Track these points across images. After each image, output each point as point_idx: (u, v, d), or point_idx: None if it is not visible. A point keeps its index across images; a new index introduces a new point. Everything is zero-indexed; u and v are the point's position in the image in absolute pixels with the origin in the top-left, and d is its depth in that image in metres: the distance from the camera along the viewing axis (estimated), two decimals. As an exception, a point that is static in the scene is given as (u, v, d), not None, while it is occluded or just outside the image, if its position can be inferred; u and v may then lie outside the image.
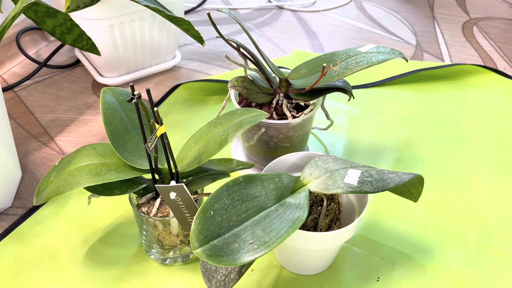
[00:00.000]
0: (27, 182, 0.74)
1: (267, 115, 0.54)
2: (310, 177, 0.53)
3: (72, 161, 0.54)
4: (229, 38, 0.64)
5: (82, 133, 0.84)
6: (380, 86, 0.95)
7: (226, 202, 0.47)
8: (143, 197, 0.57)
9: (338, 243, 0.55)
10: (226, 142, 0.51)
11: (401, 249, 0.62)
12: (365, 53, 0.62)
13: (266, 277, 0.59)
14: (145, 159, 0.56)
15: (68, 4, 0.66)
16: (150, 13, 0.87)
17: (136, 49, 0.92)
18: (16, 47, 1.01)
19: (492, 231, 0.65)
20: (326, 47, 1.11)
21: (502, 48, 1.11)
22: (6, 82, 0.97)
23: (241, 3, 1.32)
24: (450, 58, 1.08)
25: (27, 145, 0.81)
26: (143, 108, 0.49)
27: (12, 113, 0.88)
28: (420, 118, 0.86)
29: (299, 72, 0.69)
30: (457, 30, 1.20)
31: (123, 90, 0.60)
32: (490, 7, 1.31)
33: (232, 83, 0.66)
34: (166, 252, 0.60)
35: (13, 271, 0.60)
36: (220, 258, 0.43)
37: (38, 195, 0.54)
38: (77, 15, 0.82)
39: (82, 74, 1.00)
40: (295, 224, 0.47)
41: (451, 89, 0.94)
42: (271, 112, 0.67)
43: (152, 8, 0.70)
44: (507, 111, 0.88)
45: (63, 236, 0.65)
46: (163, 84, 0.96)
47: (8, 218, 0.68)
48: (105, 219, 0.67)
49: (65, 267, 0.61)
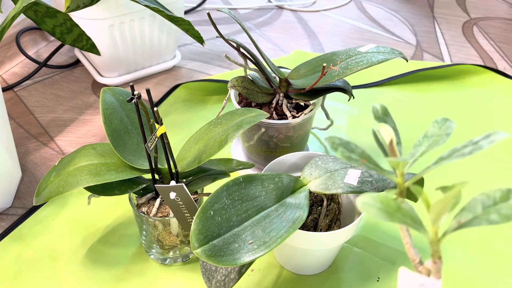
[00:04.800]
0: (27, 182, 0.74)
1: (267, 115, 0.54)
2: (310, 177, 0.53)
3: (72, 161, 0.54)
4: (229, 38, 0.64)
5: (82, 133, 0.84)
6: (380, 86, 0.95)
7: (226, 202, 0.47)
8: (143, 197, 0.57)
9: (338, 243, 0.55)
10: (226, 142, 0.51)
11: (401, 249, 0.62)
12: (365, 53, 0.62)
13: (266, 277, 0.59)
14: (145, 159, 0.56)
15: (68, 4, 0.66)
16: (150, 13, 0.87)
17: (136, 49, 0.92)
18: (16, 47, 1.01)
19: (492, 231, 0.65)
20: (326, 47, 1.11)
21: (502, 48, 1.11)
22: (6, 82, 0.97)
23: (241, 3, 1.32)
24: (450, 58, 1.08)
25: (27, 145, 0.81)
26: (143, 108, 0.49)
27: (12, 113, 0.88)
28: (420, 118, 0.86)
29: (299, 72, 0.68)
30: (457, 30, 1.20)
31: (123, 90, 0.60)
32: (490, 7, 1.31)
33: (232, 83, 0.66)
34: (166, 252, 0.60)
35: (13, 271, 0.60)
36: (220, 258, 0.43)
37: (38, 195, 0.54)
38: (77, 15, 0.82)
39: (82, 74, 0.99)
40: (295, 224, 0.47)
41: (451, 89, 0.94)
42: (271, 112, 0.67)
43: (152, 8, 0.70)
44: (507, 111, 0.88)
45: (63, 236, 0.65)
46: (163, 84, 0.96)
47: (8, 218, 0.68)
48: (105, 219, 0.67)
49: (65, 267, 0.61)
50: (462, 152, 0.32)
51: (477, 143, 0.32)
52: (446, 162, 0.33)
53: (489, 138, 0.32)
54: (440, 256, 0.32)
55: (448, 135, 0.37)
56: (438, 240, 0.32)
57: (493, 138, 0.32)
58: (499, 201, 0.30)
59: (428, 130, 0.38)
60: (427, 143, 0.37)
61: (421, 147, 0.37)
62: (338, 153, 0.34)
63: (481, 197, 0.31)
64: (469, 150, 0.32)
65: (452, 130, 0.38)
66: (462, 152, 0.32)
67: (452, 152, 0.34)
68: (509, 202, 0.30)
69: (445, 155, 0.34)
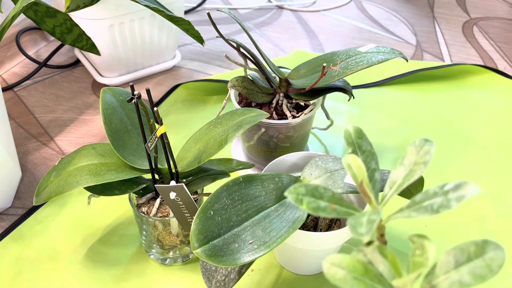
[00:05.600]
0: (27, 182, 0.74)
1: (267, 115, 0.54)
2: (310, 177, 0.53)
3: (72, 161, 0.54)
4: (229, 38, 0.64)
5: (82, 133, 0.84)
6: (380, 86, 0.95)
7: (226, 202, 0.47)
8: (143, 197, 0.57)
9: (338, 243, 0.55)
10: (226, 142, 0.51)
11: (401, 249, 0.62)
12: (365, 53, 0.62)
13: (266, 277, 0.59)
14: (145, 159, 0.56)
15: (68, 4, 0.66)
16: (150, 13, 0.87)
17: (136, 49, 0.92)
18: (16, 47, 1.01)
19: (493, 231, 0.65)
20: (326, 47, 1.11)
21: (502, 48, 1.11)
22: (6, 82, 0.97)
23: (241, 3, 1.32)
24: (450, 58, 1.08)
25: (27, 145, 0.81)
26: (143, 108, 0.49)
27: (12, 113, 0.88)
28: (420, 118, 0.86)
29: (299, 72, 0.68)
30: (457, 30, 1.20)
31: (123, 90, 0.60)
32: (490, 7, 1.31)
33: (232, 83, 0.66)
34: (166, 252, 0.60)
35: (13, 271, 0.60)
36: (220, 258, 0.43)
37: (38, 195, 0.54)
38: (77, 15, 0.82)
39: (82, 74, 0.99)
40: (295, 224, 0.47)
41: (451, 89, 0.94)
42: (271, 112, 0.67)
43: (152, 8, 0.70)
44: (507, 111, 0.88)
45: (63, 236, 0.65)
46: (163, 84, 0.96)
47: (8, 218, 0.68)
48: (105, 219, 0.67)
49: (65, 267, 0.61)
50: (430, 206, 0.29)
51: (447, 194, 0.29)
52: (413, 215, 0.30)
53: (458, 191, 0.28)
54: None
55: (425, 163, 0.33)
56: None
57: (462, 193, 0.28)
58: (474, 257, 0.27)
59: (405, 157, 0.34)
60: (404, 174, 0.33)
61: (398, 180, 0.33)
62: (303, 206, 0.30)
63: (454, 251, 0.28)
64: (437, 205, 0.29)
65: (430, 156, 0.33)
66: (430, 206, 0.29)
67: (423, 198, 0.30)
68: (485, 257, 0.27)
69: (410, 204, 0.31)
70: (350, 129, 0.38)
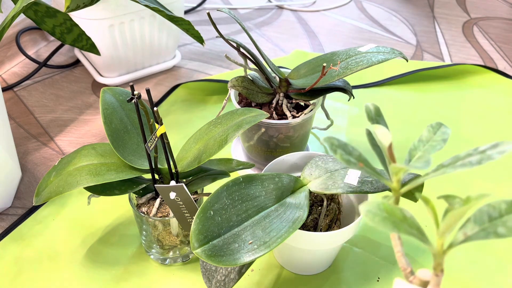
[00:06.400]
0: (27, 182, 0.74)
1: (267, 115, 0.54)
2: (310, 177, 0.53)
3: (72, 161, 0.54)
4: (229, 38, 0.64)
5: (82, 133, 0.84)
6: (380, 86, 0.95)
7: (226, 202, 0.47)
8: (143, 197, 0.57)
9: (338, 243, 0.55)
10: (226, 142, 0.51)
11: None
12: (365, 53, 0.62)
13: (266, 277, 0.59)
14: (145, 159, 0.56)
15: (68, 4, 0.66)
16: (150, 13, 0.87)
17: (136, 49, 0.92)
18: (16, 47, 1.01)
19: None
20: (326, 47, 1.11)
21: (502, 48, 1.11)
22: (6, 82, 0.97)
23: (241, 3, 1.32)
24: (450, 58, 1.08)
25: (27, 145, 0.81)
26: (143, 108, 0.49)
27: (12, 113, 0.88)
28: (420, 118, 0.86)
29: (299, 72, 0.68)
30: (457, 30, 1.20)
31: (123, 90, 0.60)
32: (490, 7, 1.31)
33: (232, 83, 0.66)
34: (166, 252, 0.60)
35: (13, 271, 0.60)
36: (220, 258, 0.43)
37: (38, 195, 0.54)
38: (77, 15, 0.82)
39: (82, 74, 0.99)
40: (295, 224, 0.47)
41: (451, 89, 0.94)
42: (271, 112, 0.67)
43: (152, 8, 0.70)
44: (507, 111, 0.88)
45: (63, 236, 0.65)
46: (163, 84, 0.96)
47: (8, 218, 0.68)
48: (105, 219, 0.67)
49: (65, 267, 0.61)
50: (469, 161, 0.31)
51: (484, 152, 0.31)
52: (449, 171, 0.32)
53: (497, 148, 0.31)
54: (442, 269, 0.31)
55: (444, 141, 0.36)
56: (443, 252, 0.31)
57: (502, 149, 0.30)
58: (505, 213, 0.29)
59: (423, 135, 0.37)
60: (423, 148, 0.36)
61: (416, 151, 0.37)
62: (337, 155, 0.34)
63: (487, 208, 0.30)
64: (477, 159, 0.31)
65: (448, 136, 0.37)
66: (469, 161, 0.31)
67: (455, 160, 0.33)
68: None
69: (446, 163, 0.33)
70: (371, 106, 0.40)
